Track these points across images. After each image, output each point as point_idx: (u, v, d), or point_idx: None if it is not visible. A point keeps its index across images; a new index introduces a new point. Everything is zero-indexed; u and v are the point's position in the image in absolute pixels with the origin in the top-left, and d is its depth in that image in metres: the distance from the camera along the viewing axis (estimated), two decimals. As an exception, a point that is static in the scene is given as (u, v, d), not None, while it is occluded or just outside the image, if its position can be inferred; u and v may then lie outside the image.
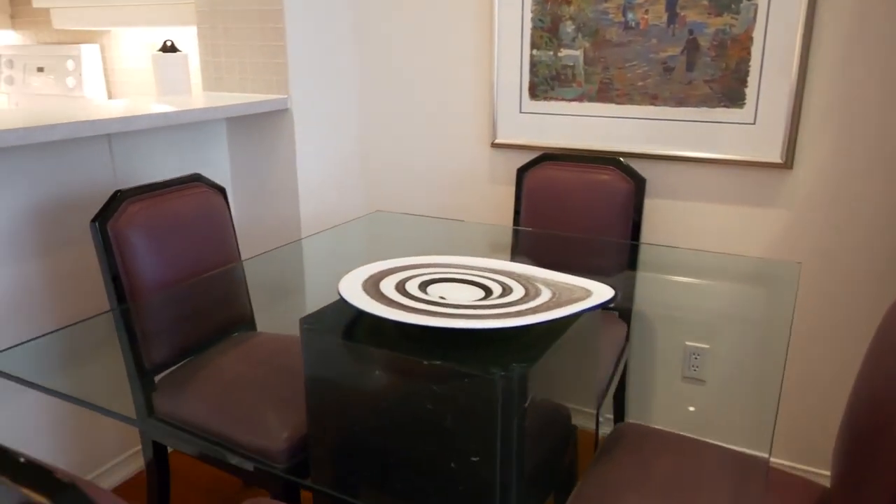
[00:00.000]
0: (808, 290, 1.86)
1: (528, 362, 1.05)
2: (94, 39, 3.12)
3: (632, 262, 1.87)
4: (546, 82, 2.01)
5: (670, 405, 2.12)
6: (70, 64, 3.08)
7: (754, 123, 1.78)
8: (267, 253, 1.87)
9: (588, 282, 1.30)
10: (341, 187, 2.35)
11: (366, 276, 1.29)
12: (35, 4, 2.77)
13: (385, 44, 2.29)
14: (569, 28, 1.94)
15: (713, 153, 1.85)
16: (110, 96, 3.16)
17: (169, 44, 2.33)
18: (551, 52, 1.98)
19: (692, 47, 1.80)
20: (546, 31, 1.98)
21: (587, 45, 1.93)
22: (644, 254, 1.91)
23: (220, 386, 1.47)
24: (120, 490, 1.94)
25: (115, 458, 1.97)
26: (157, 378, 1.57)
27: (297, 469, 1.34)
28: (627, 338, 1.85)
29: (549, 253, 1.92)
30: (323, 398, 1.18)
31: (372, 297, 1.19)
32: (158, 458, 1.60)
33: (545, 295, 1.26)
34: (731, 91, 1.78)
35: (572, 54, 1.95)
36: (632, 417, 2.16)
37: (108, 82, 3.16)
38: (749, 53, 1.74)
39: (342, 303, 1.23)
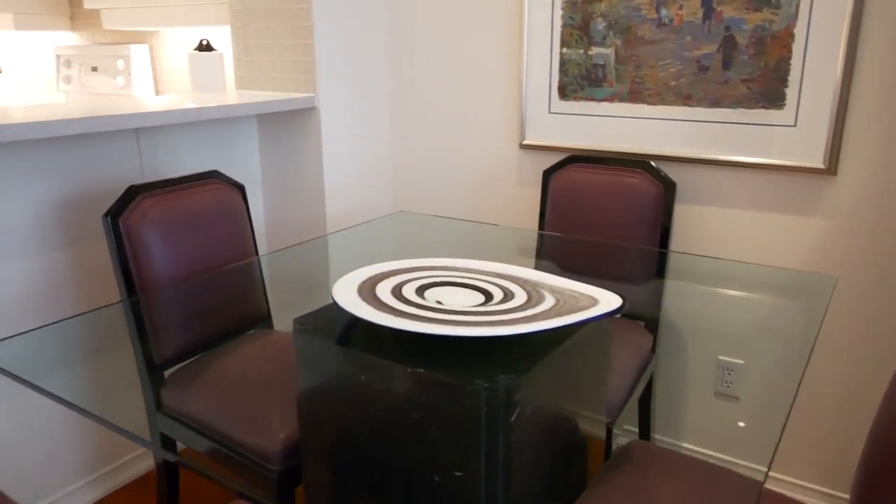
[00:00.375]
0: (849, 305, 1.73)
1: (517, 374, 0.99)
2: (144, 40, 3.21)
3: (660, 269, 1.79)
4: (576, 81, 1.94)
5: (701, 421, 2.01)
6: (120, 63, 3.18)
7: (795, 126, 1.67)
8: (283, 250, 1.87)
9: (596, 290, 1.24)
10: (369, 186, 2.33)
11: (364, 278, 1.25)
12: (86, 6, 2.87)
13: (415, 44, 2.26)
14: (600, 25, 1.86)
15: (750, 157, 1.74)
16: (158, 94, 3.25)
17: (205, 43, 2.37)
18: (581, 51, 1.91)
19: (729, 45, 1.70)
20: (576, 29, 1.91)
21: (618, 42, 1.85)
22: (674, 262, 1.82)
23: (224, 384, 1.46)
24: (138, 483, 1.97)
25: (137, 450, 2.00)
26: (168, 373, 1.58)
27: (292, 472, 1.32)
28: (654, 349, 1.76)
29: (572, 258, 1.85)
30: (314, 400, 1.16)
31: (365, 299, 1.16)
32: (168, 452, 1.60)
33: (548, 302, 1.20)
34: (770, 91, 1.67)
35: (603, 52, 1.88)
36: (659, 433, 2.06)
37: (156, 81, 3.24)
38: (790, 51, 1.63)
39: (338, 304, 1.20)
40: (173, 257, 1.57)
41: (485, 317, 1.12)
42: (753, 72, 1.69)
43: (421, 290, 1.21)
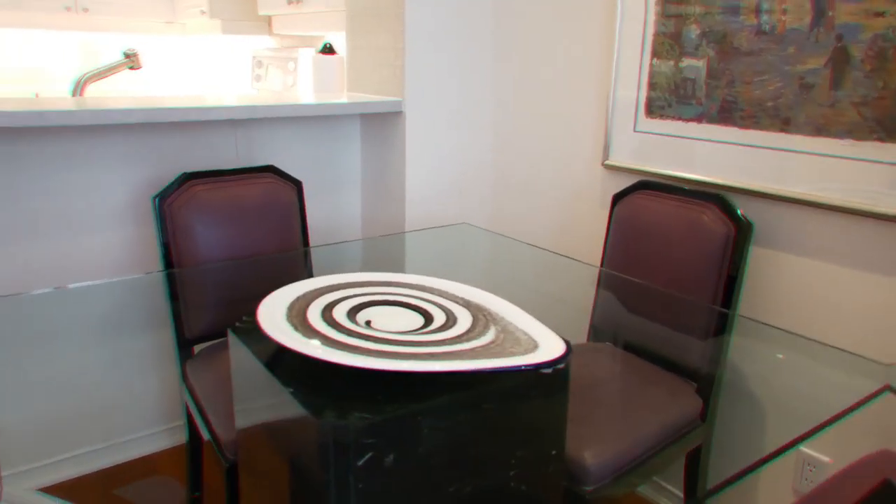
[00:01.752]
0: None
1: (378, 413, 0.88)
2: (313, 44, 3.50)
3: (721, 325, 1.49)
4: (664, 98, 1.69)
5: (774, 519, 1.64)
6: (290, 65, 3.49)
7: (920, 165, 1.28)
8: (326, 246, 1.90)
9: (545, 332, 1.06)
10: (451, 194, 2.28)
11: (305, 290, 1.20)
12: (260, 12, 3.19)
13: (515, 59, 2.15)
14: (693, 33, 1.61)
15: (855, 200, 1.37)
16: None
17: (328, 46, 2.49)
18: (672, 62, 1.66)
19: (840, 58, 1.35)
20: (668, 37, 1.66)
21: (712, 53, 1.57)
22: (743, 317, 1.51)
23: (226, 368, 1.53)
24: (174, 451, 2.11)
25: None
26: (200, 347, 1.69)
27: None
28: (704, 417, 1.48)
29: (624, 296, 1.62)
30: (240, 401, 1.15)
31: (290, 312, 1.11)
32: (192, 426, 1.72)
33: (486, 338, 1.05)
34: (890, 119, 1.30)
35: (694, 65, 1.61)
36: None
37: (315, 80, 3.51)
38: (920, 68, 1.25)
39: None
40: (212, 243, 1.67)
41: (402, 346, 1.02)
42: (869, 93, 1.32)
43: (356, 310, 1.14)
